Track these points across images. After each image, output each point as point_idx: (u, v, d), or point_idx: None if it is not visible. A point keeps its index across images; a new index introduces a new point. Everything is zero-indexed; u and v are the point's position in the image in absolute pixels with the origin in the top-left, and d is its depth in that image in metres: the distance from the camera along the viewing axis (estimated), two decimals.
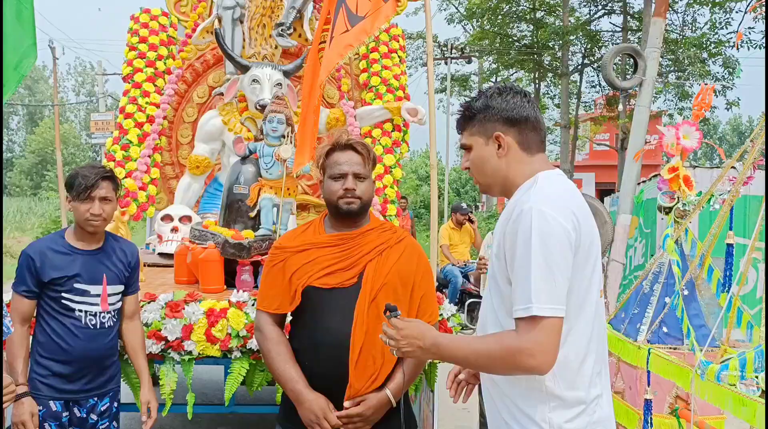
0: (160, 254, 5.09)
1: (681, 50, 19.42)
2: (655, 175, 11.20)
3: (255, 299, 3.38)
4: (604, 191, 29.29)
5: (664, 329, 3.50)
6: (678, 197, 3.61)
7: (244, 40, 5.66)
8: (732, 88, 21.74)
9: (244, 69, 5.32)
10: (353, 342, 2.42)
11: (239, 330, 3.25)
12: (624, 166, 9.94)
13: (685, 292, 3.49)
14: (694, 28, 20.93)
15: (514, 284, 1.81)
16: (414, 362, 2.53)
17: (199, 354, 3.25)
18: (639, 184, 10.61)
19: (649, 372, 3.34)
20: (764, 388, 2.89)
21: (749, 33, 17.77)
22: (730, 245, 3.32)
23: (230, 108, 5.51)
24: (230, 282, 3.90)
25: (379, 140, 5.65)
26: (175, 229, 5.13)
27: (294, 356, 2.52)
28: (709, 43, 18.79)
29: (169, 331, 3.22)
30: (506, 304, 1.87)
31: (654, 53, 10.59)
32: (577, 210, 1.87)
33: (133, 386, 3.25)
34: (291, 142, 3.98)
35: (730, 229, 3.34)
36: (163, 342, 3.23)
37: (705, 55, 20.61)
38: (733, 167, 3.56)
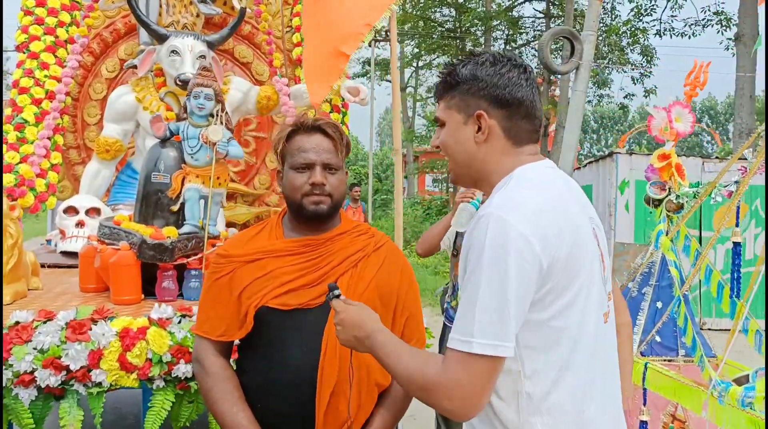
0: (63, 253, 4.36)
1: (602, 37, 19.60)
2: (591, 163, 11.04)
3: (181, 315, 2.76)
4: None
5: (657, 339, 3.08)
6: (669, 188, 3.20)
7: (161, 6, 4.96)
8: (649, 76, 22.19)
9: (161, 39, 4.62)
10: (322, 379, 1.86)
11: (162, 354, 2.62)
12: (560, 153, 9.71)
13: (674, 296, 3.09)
14: (613, 16, 21.17)
15: (460, 306, 1.43)
16: (399, 404, 1.99)
17: (111, 385, 2.60)
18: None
19: (645, 389, 2.93)
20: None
21: (671, 21, 18.02)
22: (737, 244, 2.93)
23: (145, 83, 4.79)
24: (148, 290, 3.24)
25: None
26: (80, 224, 4.40)
27: (243, 396, 1.94)
28: (634, 29, 18.96)
29: (71, 359, 2.55)
30: None
31: (591, 36, 10.33)
32: (557, 216, 1.44)
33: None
34: (221, 122, 3.34)
35: (737, 225, 2.94)
36: (63, 372, 2.56)
37: (624, 42, 20.93)
38: (723, 159, 3.18)
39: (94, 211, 4.47)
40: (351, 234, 2.04)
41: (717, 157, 10.48)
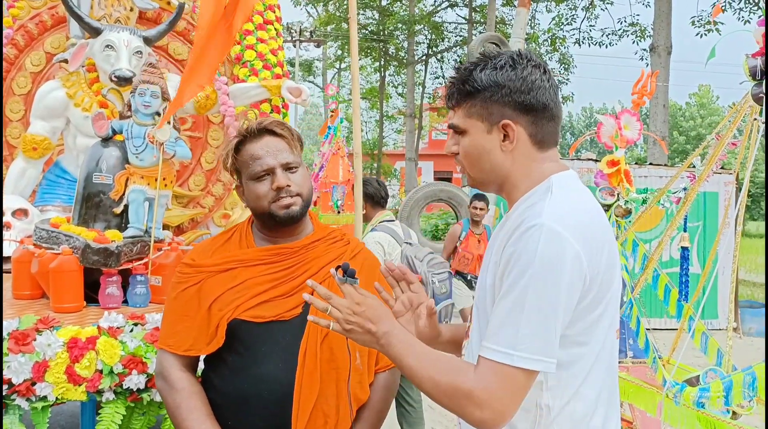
0: None
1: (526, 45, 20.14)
2: None
3: (134, 324, 2.63)
4: (442, 179, 30.12)
5: None
6: (618, 194, 3.27)
7: None
8: (567, 83, 22.93)
9: (94, 32, 4.40)
10: (299, 396, 1.79)
11: (113, 365, 2.48)
12: None
13: (624, 299, 3.17)
14: (533, 25, 21.78)
15: (496, 312, 1.37)
16: (376, 417, 1.94)
17: (57, 399, 2.45)
18: None
19: None
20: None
21: (590, 30, 18.63)
22: (684, 249, 3.02)
23: (77, 79, 4.56)
24: (89, 296, 3.07)
25: None
26: (7, 226, 4.14)
27: (212, 412, 1.84)
28: (554, 37, 19.54)
29: (14, 372, 2.38)
30: None
31: (518, 43, 10.58)
32: (599, 232, 1.42)
33: None
34: (169, 122, 3.21)
35: (684, 230, 3.04)
36: (5, 386, 2.39)
37: (543, 50, 21.56)
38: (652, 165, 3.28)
39: (21, 213, 4.22)
40: (326, 241, 1.98)
41: (637, 163, 10.87)
